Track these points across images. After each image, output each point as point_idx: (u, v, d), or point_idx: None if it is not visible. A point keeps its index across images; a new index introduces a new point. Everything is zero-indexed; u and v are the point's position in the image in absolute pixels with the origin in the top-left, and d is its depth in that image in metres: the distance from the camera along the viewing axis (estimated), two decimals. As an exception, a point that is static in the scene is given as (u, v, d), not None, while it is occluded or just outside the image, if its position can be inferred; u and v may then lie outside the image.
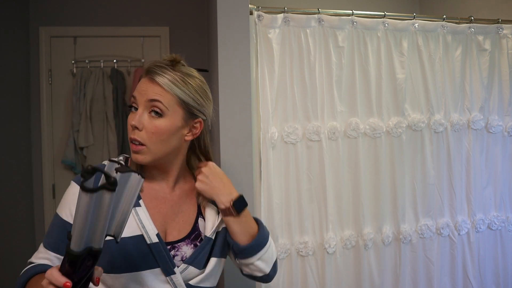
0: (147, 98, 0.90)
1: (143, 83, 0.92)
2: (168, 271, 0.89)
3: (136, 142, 0.89)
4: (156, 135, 0.90)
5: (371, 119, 1.67)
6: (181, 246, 0.94)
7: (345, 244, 1.64)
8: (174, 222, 0.96)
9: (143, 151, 0.90)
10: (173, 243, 0.94)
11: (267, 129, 1.54)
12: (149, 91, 0.90)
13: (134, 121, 0.89)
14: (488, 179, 1.84)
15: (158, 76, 0.90)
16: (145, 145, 0.89)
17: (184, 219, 0.98)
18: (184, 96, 0.91)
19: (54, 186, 2.67)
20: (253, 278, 1.04)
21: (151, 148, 0.90)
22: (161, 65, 0.92)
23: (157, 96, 0.89)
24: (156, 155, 0.91)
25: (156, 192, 0.96)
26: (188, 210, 1.00)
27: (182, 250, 0.94)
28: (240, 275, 1.11)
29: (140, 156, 0.90)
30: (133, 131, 0.90)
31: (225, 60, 1.50)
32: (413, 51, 1.71)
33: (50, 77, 2.67)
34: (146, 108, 0.90)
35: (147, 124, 0.89)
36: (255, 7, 1.53)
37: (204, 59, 2.69)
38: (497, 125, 1.81)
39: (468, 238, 1.80)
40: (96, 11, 2.69)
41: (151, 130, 0.89)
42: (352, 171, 1.66)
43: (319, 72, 1.60)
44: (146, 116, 0.90)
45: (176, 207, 0.98)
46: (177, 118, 0.92)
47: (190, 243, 0.95)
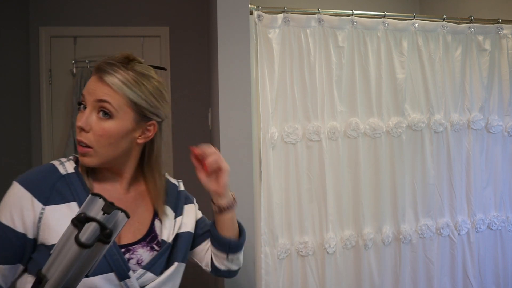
0: (95, 98, 0.84)
1: (92, 81, 0.86)
2: (122, 275, 0.84)
3: (83, 144, 0.84)
4: (104, 138, 0.84)
5: (371, 119, 1.67)
6: (137, 249, 0.90)
7: (345, 244, 1.64)
8: (128, 225, 0.88)
9: (89, 154, 0.85)
10: (127, 246, 0.89)
11: (267, 129, 1.54)
12: (97, 91, 0.84)
13: (81, 122, 0.84)
14: (488, 179, 1.84)
15: (107, 75, 0.84)
16: (92, 147, 0.84)
17: (140, 221, 0.94)
18: (135, 98, 0.85)
19: (54, 186, 2.66)
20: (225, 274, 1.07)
21: (98, 151, 0.85)
22: (112, 63, 0.86)
23: (105, 97, 0.84)
24: (104, 158, 0.86)
25: (108, 192, 0.91)
26: (144, 212, 0.95)
27: (137, 253, 0.90)
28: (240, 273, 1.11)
29: (87, 159, 0.85)
30: (80, 133, 0.85)
31: (225, 60, 1.50)
32: (413, 51, 1.71)
33: (50, 77, 2.67)
34: (95, 109, 0.84)
35: (94, 126, 0.84)
36: (255, 7, 1.53)
37: (204, 59, 2.69)
38: (497, 125, 1.81)
39: (468, 238, 1.80)
40: (96, 11, 2.69)
41: (99, 132, 0.84)
42: (352, 171, 1.66)
43: (319, 72, 1.60)
44: (94, 117, 0.84)
45: (131, 209, 0.91)
46: (127, 120, 0.86)
47: (146, 246, 0.91)
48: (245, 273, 1.52)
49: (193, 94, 2.67)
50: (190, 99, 2.68)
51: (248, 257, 1.52)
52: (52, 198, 0.83)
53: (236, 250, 1.04)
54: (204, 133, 2.56)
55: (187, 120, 2.67)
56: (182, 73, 2.69)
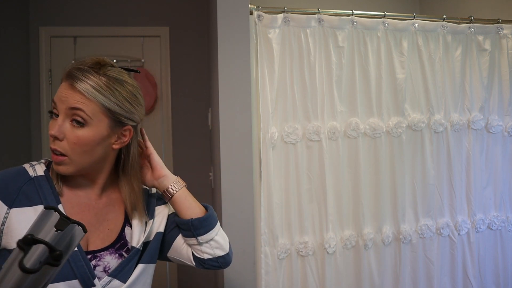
0: (67, 106, 0.81)
1: (63, 88, 0.83)
2: (87, 283, 0.81)
3: (57, 153, 0.82)
4: (78, 146, 0.82)
5: (371, 119, 1.67)
6: (104, 256, 0.87)
7: (345, 244, 1.64)
8: (98, 231, 0.89)
9: (65, 162, 0.83)
10: (94, 252, 0.86)
11: (267, 129, 1.54)
12: (69, 99, 0.81)
13: (54, 130, 0.81)
14: (488, 179, 1.84)
15: (79, 81, 0.82)
16: (66, 155, 0.82)
17: (110, 228, 0.91)
18: (109, 104, 0.83)
19: (54, 186, 2.67)
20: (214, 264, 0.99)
21: (73, 159, 0.83)
22: (84, 69, 0.83)
23: (78, 104, 0.81)
24: (80, 166, 0.84)
25: (79, 198, 0.89)
26: (115, 218, 0.93)
27: (105, 260, 0.87)
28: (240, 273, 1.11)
29: (62, 167, 0.83)
30: (53, 141, 0.82)
31: (225, 60, 1.50)
32: (413, 51, 1.71)
33: (50, 77, 2.67)
34: (67, 116, 0.82)
35: (68, 134, 0.82)
36: (255, 7, 1.53)
37: (204, 59, 2.69)
38: (497, 125, 1.81)
39: (468, 238, 1.80)
40: (96, 11, 2.69)
41: (73, 140, 0.82)
42: (352, 171, 1.66)
43: (319, 72, 1.60)
44: (67, 125, 0.82)
45: (101, 215, 0.90)
46: (102, 127, 0.84)
47: (114, 253, 0.89)
48: (245, 273, 1.52)
49: (193, 94, 2.67)
50: (190, 99, 2.68)
51: (248, 257, 1.52)
52: (18, 200, 0.81)
53: (202, 228, 0.95)
54: (204, 133, 2.56)
55: (187, 120, 2.67)
56: (182, 73, 2.69)
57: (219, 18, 1.49)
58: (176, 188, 0.97)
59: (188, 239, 0.97)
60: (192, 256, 0.98)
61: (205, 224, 0.96)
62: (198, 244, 0.96)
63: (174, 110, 2.69)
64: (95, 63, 0.85)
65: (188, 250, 0.99)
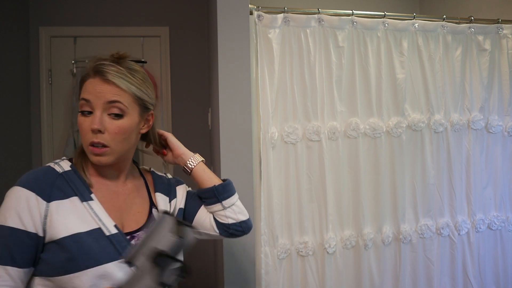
0: (105, 100, 0.88)
1: (96, 84, 0.88)
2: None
3: (99, 145, 0.88)
4: (119, 135, 0.90)
5: (371, 119, 1.67)
6: (140, 236, 0.94)
7: (345, 244, 1.64)
8: (130, 214, 0.96)
9: (107, 153, 0.89)
10: (132, 233, 0.93)
11: (267, 129, 1.54)
12: (105, 93, 0.88)
13: (96, 125, 0.87)
14: (488, 179, 1.84)
15: (111, 75, 0.88)
16: (108, 146, 0.89)
17: (139, 210, 0.99)
18: (139, 93, 0.92)
19: (54, 186, 2.67)
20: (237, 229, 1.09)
21: (114, 149, 0.90)
22: (110, 64, 0.90)
23: (116, 97, 0.88)
24: (118, 154, 0.92)
25: (108, 187, 0.96)
26: (141, 202, 1.01)
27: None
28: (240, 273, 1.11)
29: (104, 158, 0.90)
30: (95, 135, 0.88)
31: (225, 60, 1.50)
32: (413, 51, 1.71)
33: (50, 77, 2.67)
34: (105, 110, 0.88)
35: (109, 126, 0.88)
36: (255, 7, 1.53)
37: (204, 59, 2.69)
38: (497, 125, 1.81)
39: (468, 238, 1.80)
40: (96, 11, 2.69)
41: (114, 131, 0.89)
42: (352, 171, 1.66)
43: (319, 72, 1.60)
44: (106, 118, 0.88)
45: (130, 200, 0.98)
46: (135, 115, 0.92)
47: None
48: (245, 273, 1.52)
49: (193, 94, 2.67)
50: (190, 99, 2.68)
51: (248, 257, 1.52)
52: (54, 195, 0.85)
53: (226, 193, 1.08)
54: (204, 133, 2.56)
55: (187, 120, 2.67)
56: (182, 73, 2.69)
57: (219, 18, 1.49)
58: (194, 163, 1.09)
59: (212, 206, 1.08)
60: (216, 224, 1.09)
61: (228, 189, 1.09)
62: (222, 209, 1.08)
63: (174, 110, 2.69)
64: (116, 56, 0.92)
65: (211, 219, 1.10)
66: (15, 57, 2.48)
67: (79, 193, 0.88)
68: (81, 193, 0.88)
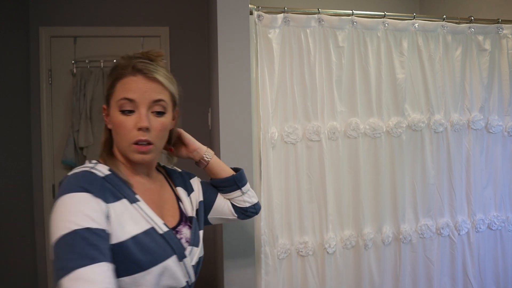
0: (151, 99, 0.89)
1: (139, 82, 0.88)
2: (181, 256, 0.90)
3: (145, 143, 0.89)
4: (162, 132, 0.92)
5: (371, 119, 1.67)
6: (181, 229, 0.97)
7: (345, 244, 1.64)
8: (165, 210, 0.98)
9: (151, 150, 0.91)
10: (174, 228, 0.95)
11: (267, 129, 1.54)
12: (150, 91, 0.89)
13: (145, 123, 0.87)
14: (488, 179, 1.84)
15: (155, 74, 0.89)
16: (153, 143, 0.90)
17: (171, 205, 1.01)
18: (174, 90, 0.95)
19: (54, 186, 2.67)
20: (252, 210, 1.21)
21: (157, 146, 0.92)
22: (149, 62, 0.91)
23: (160, 96, 0.90)
24: (159, 150, 0.94)
25: (144, 185, 0.96)
26: (170, 196, 1.03)
27: (183, 233, 0.97)
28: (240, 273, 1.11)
29: (148, 156, 0.91)
30: (142, 133, 0.88)
31: (225, 60, 1.50)
32: (413, 51, 1.71)
33: (50, 77, 2.67)
34: (149, 108, 0.89)
35: (154, 123, 0.90)
36: (255, 7, 1.53)
37: (204, 59, 2.69)
38: (497, 125, 1.81)
39: (468, 238, 1.80)
40: (96, 11, 2.69)
41: (159, 128, 0.90)
42: (352, 171, 1.66)
43: (319, 72, 1.60)
44: (150, 116, 0.90)
45: (162, 195, 1.00)
46: (171, 111, 0.95)
47: (185, 224, 0.99)
48: (245, 273, 1.52)
49: (193, 94, 2.67)
50: (190, 99, 2.68)
51: (248, 257, 1.52)
52: (108, 198, 0.83)
53: (243, 180, 1.19)
54: (204, 133, 2.56)
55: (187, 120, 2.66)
56: (182, 73, 2.69)
57: (219, 18, 1.49)
58: (209, 156, 1.15)
59: (232, 193, 1.18)
60: (234, 209, 1.19)
61: (244, 176, 1.20)
62: (242, 195, 1.18)
63: (174, 110, 2.69)
64: (156, 54, 0.93)
65: (228, 206, 1.19)
66: (15, 57, 2.48)
67: (127, 195, 0.87)
68: (128, 195, 0.87)
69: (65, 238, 0.71)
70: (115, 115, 0.89)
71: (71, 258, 0.69)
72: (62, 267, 0.68)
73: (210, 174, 1.19)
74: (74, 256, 0.69)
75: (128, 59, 0.91)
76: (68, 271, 0.67)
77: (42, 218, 2.63)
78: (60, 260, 0.69)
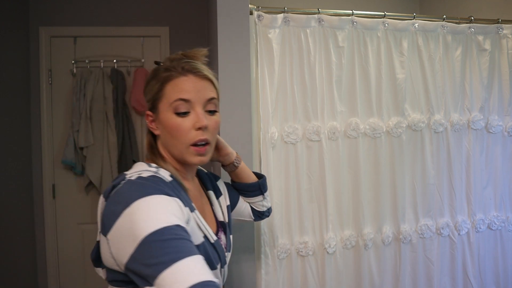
0: (206, 98, 0.87)
1: (193, 82, 0.86)
2: (223, 263, 0.90)
3: (203, 142, 0.86)
4: (216, 130, 0.90)
5: (371, 119, 1.67)
6: (221, 236, 0.97)
7: (345, 244, 1.64)
8: (207, 216, 0.96)
9: (208, 151, 0.88)
10: (216, 235, 0.94)
11: (267, 129, 1.54)
12: (203, 91, 0.87)
13: (204, 122, 0.85)
14: (488, 179, 1.84)
15: (207, 73, 0.88)
16: (209, 143, 0.88)
17: (208, 210, 1.00)
18: (219, 89, 0.94)
19: (54, 186, 2.67)
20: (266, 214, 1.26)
21: (212, 146, 0.91)
22: (196, 62, 0.90)
23: (212, 93, 0.89)
24: (213, 151, 0.94)
25: (194, 191, 0.95)
26: (205, 201, 1.01)
27: (222, 239, 0.96)
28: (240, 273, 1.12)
29: (206, 157, 0.88)
30: (201, 132, 0.86)
31: (225, 60, 1.50)
32: (413, 51, 1.71)
33: (50, 77, 2.67)
34: (204, 107, 0.87)
35: (209, 123, 0.87)
36: (255, 7, 1.53)
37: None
38: (497, 125, 1.81)
39: (468, 238, 1.80)
40: (96, 11, 2.69)
41: (214, 126, 0.89)
42: (352, 171, 1.66)
43: (319, 72, 1.60)
44: (205, 115, 0.87)
45: (202, 200, 0.98)
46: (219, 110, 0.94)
47: (222, 231, 0.99)
48: (245, 273, 1.52)
49: (193, 94, 2.67)
50: (190, 99, 2.68)
51: (248, 257, 1.52)
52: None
53: (266, 186, 1.23)
54: (204, 133, 2.56)
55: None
56: (182, 73, 2.69)
57: (219, 18, 1.49)
58: (239, 161, 1.16)
59: (254, 198, 1.20)
60: (252, 212, 1.23)
61: (266, 183, 1.24)
62: (263, 200, 1.22)
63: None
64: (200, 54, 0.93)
65: (248, 209, 1.22)
66: (15, 57, 2.48)
67: (187, 203, 0.83)
68: (189, 203, 0.85)
69: (156, 235, 0.68)
70: (168, 118, 0.86)
71: (167, 252, 0.66)
72: (160, 261, 0.66)
73: (235, 178, 1.19)
74: (170, 250, 0.67)
75: (170, 61, 0.89)
76: (168, 265, 0.65)
77: (42, 218, 2.63)
78: (155, 255, 0.66)
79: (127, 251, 0.69)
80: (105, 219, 0.75)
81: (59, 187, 2.67)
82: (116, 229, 0.72)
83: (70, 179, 2.68)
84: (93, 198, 2.69)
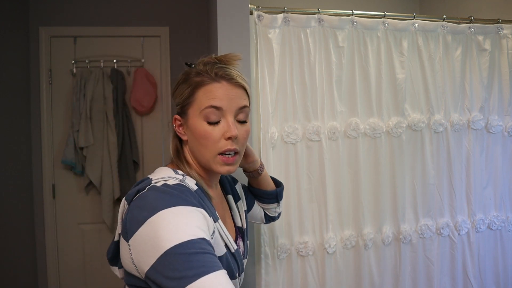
0: (238, 106, 0.84)
1: (226, 89, 0.83)
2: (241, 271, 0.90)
3: (232, 153, 0.84)
4: (246, 140, 0.87)
5: (371, 119, 1.67)
6: (239, 243, 0.96)
7: (345, 244, 1.64)
8: (227, 223, 0.94)
9: (236, 161, 0.86)
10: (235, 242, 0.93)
11: (267, 129, 1.54)
12: (236, 99, 0.83)
13: (234, 131, 0.82)
14: (488, 179, 1.84)
15: (241, 80, 0.85)
16: (238, 152, 0.85)
17: (228, 216, 0.99)
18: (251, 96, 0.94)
19: (54, 186, 2.67)
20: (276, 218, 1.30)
21: (241, 155, 0.88)
22: (230, 68, 0.85)
23: (245, 102, 0.85)
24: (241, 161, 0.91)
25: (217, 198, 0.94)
26: (226, 207, 1.00)
27: (241, 247, 0.96)
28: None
29: (233, 167, 0.86)
30: (230, 142, 0.83)
31: (225, 60, 1.49)
32: (413, 51, 1.71)
33: (50, 77, 2.67)
34: (235, 116, 0.84)
35: (240, 132, 0.84)
36: (255, 7, 1.53)
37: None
38: (497, 125, 1.81)
39: (468, 238, 1.80)
40: (96, 11, 2.69)
41: (244, 136, 0.86)
42: (352, 171, 1.66)
43: (319, 72, 1.60)
44: (236, 124, 0.84)
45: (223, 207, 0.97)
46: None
47: (240, 237, 0.98)
48: (245, 273, 1.52)
49: (193, 94, 2.67)
50: (190, 99, 2.68)
51: (248, 257, 1.52)
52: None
53: (282, 195, 1.25)
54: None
55: (187, 120, 2.67)
56: (182, 73, 2.69)
57: (219, 18, 1.49)
58: (262, 169, 1.15)
59: (270, 204, 1.22)
60: (265, 217, 1.26)
61: (283, 191, 1.26)
62: (277, 206, 1.25)
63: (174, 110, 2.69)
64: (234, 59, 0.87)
65: (261, 213, 1.25)
66: (15, 57, 2.48)
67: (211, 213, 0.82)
68: (213, 213, 0.83)
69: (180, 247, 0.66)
70: (198, 125, 0.83)
71: (192, 266, 0.65)
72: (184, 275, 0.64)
73: (255, 184, 1.17)
74: (195, 264, 0.65)
75: (204, 65, 0.86)
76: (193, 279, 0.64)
77: (42, 218, 2.63)
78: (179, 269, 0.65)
79: (148, 260, 0.68)
80: (128, 224, 0.73)
81: (59, 187, 2.67)
82: (139, 236, 0.70)
83: (70, 179, 2.68)
84: (93, 198, 2.69)
